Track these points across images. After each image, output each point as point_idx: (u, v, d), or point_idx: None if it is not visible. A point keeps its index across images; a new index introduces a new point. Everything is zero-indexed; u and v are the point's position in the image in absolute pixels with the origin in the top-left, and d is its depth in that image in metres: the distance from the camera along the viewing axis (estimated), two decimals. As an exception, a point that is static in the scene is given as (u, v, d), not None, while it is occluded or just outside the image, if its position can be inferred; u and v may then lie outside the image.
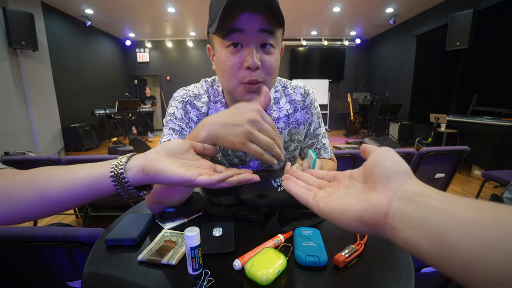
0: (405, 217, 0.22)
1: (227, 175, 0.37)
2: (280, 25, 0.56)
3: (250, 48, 0.53)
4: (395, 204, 0.23)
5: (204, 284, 0.38)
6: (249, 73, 0.54)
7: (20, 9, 3.80)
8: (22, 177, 0.37)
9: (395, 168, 0.25)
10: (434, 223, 0.20)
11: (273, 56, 0.57)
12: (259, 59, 0.54)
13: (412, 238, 0.21)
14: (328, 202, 0.28)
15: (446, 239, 0.19)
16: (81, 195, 0.37)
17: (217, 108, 0.70)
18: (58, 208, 0.37)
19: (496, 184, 2.71)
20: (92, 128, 5.39)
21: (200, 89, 0.72)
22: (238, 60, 0.55)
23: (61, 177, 0.37)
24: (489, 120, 3.24)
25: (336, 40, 7.50)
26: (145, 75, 7.86)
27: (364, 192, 0.27)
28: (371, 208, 0.24)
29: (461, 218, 0.19)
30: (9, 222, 0.37)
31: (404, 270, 0.40)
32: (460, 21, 3.83)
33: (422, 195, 0.22)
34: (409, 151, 1.70)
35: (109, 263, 0.44)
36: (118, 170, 0.36)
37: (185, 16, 5.64)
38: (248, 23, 0.52)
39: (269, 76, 0.58)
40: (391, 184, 0.24)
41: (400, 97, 5.99)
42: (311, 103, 0.78)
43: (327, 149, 0.82)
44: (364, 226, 0.24)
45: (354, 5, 4.97)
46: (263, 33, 0.53)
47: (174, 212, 0.58)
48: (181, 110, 0.69)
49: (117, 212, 1.80)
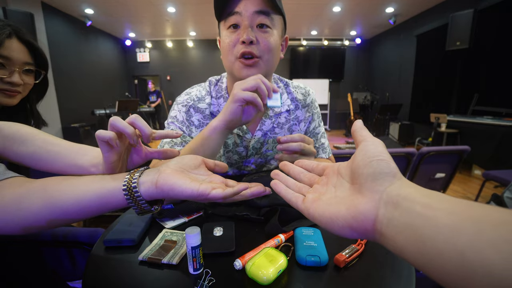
0: (392, 224, 0.22)
1: (241, 188, 0.37)
2: (275, 10, 0.60)
3: (246, 26, 0.59)
4: (382, 210, 0.23)
5: (205, 284, 0.38)
6: (245, 47, 0.60)
7: (20, 9, 3.80)
8: (34, 186, 0.37)
9: (380, 169, 0.24)
10: (417, 230, 0.20)
11: (270, 35, 0.61)
12: (255, 36, 0.59)
13: (399, 244, 0.21)
14: (318, 207, 0.28)
15: (429, 248, 0.19)
16: (92, 207, 0.36)
17: (219, 103, 0.73)
18: (68, 219, 0.37)
19: (496, 184, 2.71)
20: (92, 128, 5.39)
21: (202, 91, 0.74)
22: (236, 38, 0.61)
23: (73, 188, 0.37)
24: (489, 120, 3.24)
25: (336, 40, 7.50)
26: (145, 75, 7.85)
27: (351, 195, 0.26)
28: (359, 215, 0.24)
29: (442, 225, 0.18)
30: (18, 231, 0.37)
31: (405, 270, 0.40)
32: (460, 21, 3.83)
33: (407, 199, 0.22)
34: (409, 151, 1.70)
35: (110, 263, 0.44)
36: (131, 184, 0.36)
37: (185, 16, 5.64)
38: (245, 5, 0.58)
39: (266, 53, 0.62)
40: (376, 187, 0.24)
41: (400, 97, 5.99)
42: (311, 102, 0.80)
43: (325, 149, 0.83)
44: (354, 232, 0.25)
45: (354, 4, 4.96)
46: (258, 15, 0.59)
47: (172, 209, 0.58)
48: (183, 113, 0.71)
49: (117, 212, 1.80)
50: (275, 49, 0.63)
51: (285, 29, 0.69)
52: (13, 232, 0.37)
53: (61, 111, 4.88)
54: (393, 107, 5.39)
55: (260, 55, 0.61)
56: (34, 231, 0.38)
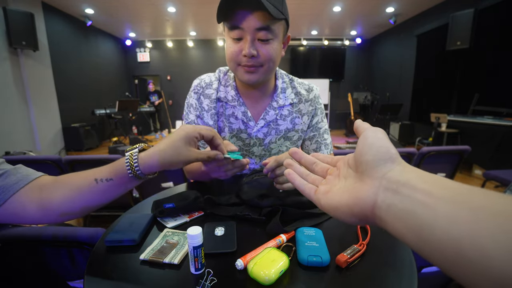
0: (391, 210, 0.22)
1: None
2: (276, 19, 0.63)
3: (247, 40, 0.64)
4: (381, 196, 0.23)
5: (206, 284, 0.38)
6: (247, 60, 0.66)
7: (20, 8, 3.80)
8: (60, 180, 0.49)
9: (379, 156, 0.24)
10: (417, 217, 0.20)
11: (271, 46, 0.66)
12: (256, 49, 0.65)
13: (400, 231, 0.21)
14: (327, 199, 0.28)
15: (429, 235, 0.19)
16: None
17: (227, 91, 0.79)
18: (93, 206, 0.49)
19: (497, 184, 2.71)
20: (93, 128, 5.39)
21: (212, 77, 0.81)
22: (238, 49, 0.66)
23: (87, 174, 0.48)
24: (490, 120, 3.23)
25: (336, 39, 7.49)
26: (146, 75, 7.85)
27: (355, 183, 0.27)
28: (359, 201, 0.24)
29: (441, 213, 0.18)
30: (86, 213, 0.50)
31: (406, 270, 0.40)
32: (460, 20, 3.83)
33: (407, 185, 0.22)
34: (409, 151, 1.70)
35: (111, 263, 0.44)
36: (132, 160, 0.46)
37: (185, 16, 5.64)
38: (247, 22, 0.62)
39: (267, 62, 0.67)
40: (376, 174, 0.24)
41: (401, 97, 5.99)
42: (315, 97, 0.83)
43: (327, 145, 0.85)
44: (356, 218, 0.25)
45: (354, 4, 4.96)
46: (259, 31, 0.63)
47: (173, 208, 0.58)
48: (195, 100, 0.80)
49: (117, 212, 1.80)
50: (276, 56, 0.68)
51: (287, 29, 0.70)
52: (81, 215, 0.50)
53: (61, 111, 4.88)
54: (393, 107, 5.39)
55: (261, 64, 0.67)
56: (72, 217, 0.50)
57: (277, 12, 0.60)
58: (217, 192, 0.70)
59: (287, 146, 0.82)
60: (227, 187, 0.78)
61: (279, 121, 0.80)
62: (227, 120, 0.79)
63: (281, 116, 0.80)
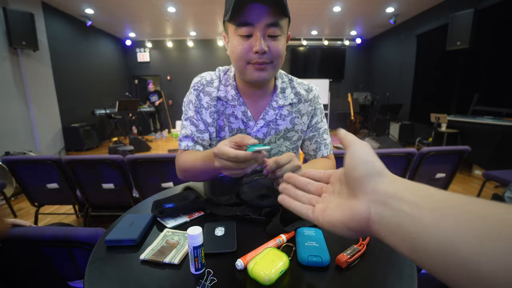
0: (384, 222, 0.23)
1: None
2: (285, 15, 0.64)
3: (258, 37, 0.63)
4: (373, 210, 0.24)
5: (207, 284, 0.38)
6: (258, 56, 0.65)
7: (20, 8, 3.80)
8: None
9: (367, 171, 0.26)
10: (406, 229, 0.21)
11: (279, 43, 0.66)
12: (267, 45, 0.64)
13: (394, 243, 0.22)
14: (325, 216, 0.29)
15: (420, 245, 0.20)
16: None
17: (227, 90, 0.79)
18: None
19: (497, 184, 2.71)
20: (93, 128, 5.39)
21: (212, 76, 0.81)
22: (248, 46, 0.65)
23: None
24: (489, 120, 3.23)
25: (336, 39, 7.49)
26: (146, 75, 7.85)
27: (348, 199, 0.28)
28: (356, 216, 0.25)
29: (427, 223, 0.19)
30: None
31: (406, 270, 0.40)
32: (460, 20, 3.83)
33: (395, 197, 0.22)
34: (409, 151, 1.70)
35: (111, 263, 0.44)
36: None
37: (185, 16, 5.64)
38: (257, 17, 0.62)
39: (276, 58, 0.67)
40: (365, 189, 0.25)
41: (401, 97, 5.99)
42: (314, 97, 0.83)
43: (327, 145, 0.85)
44: (353, 233, 0.26)
45: (354, 4, 4.96)
46: (269, 27, 0.63)
47: (173, 208, 0.58)
48: (195, 97, 0.79)
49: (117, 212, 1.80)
50: (283, 53, 0.69)
51: (289, 27, 0.71)
52: None
53: (61, 111, 4.88)
54: (393, 107, 5.39)
55: (271, 61, 0.67)
56: None
57: (286, 8, 0.62)
58: (217, 192, 0.70)
59: (287, 146, 0.82)
60: (227, 187, 0.79)
61: (278, 121, 0.80)
62: (227, 119, 0.79)
63: (281, 116, 0.80)
